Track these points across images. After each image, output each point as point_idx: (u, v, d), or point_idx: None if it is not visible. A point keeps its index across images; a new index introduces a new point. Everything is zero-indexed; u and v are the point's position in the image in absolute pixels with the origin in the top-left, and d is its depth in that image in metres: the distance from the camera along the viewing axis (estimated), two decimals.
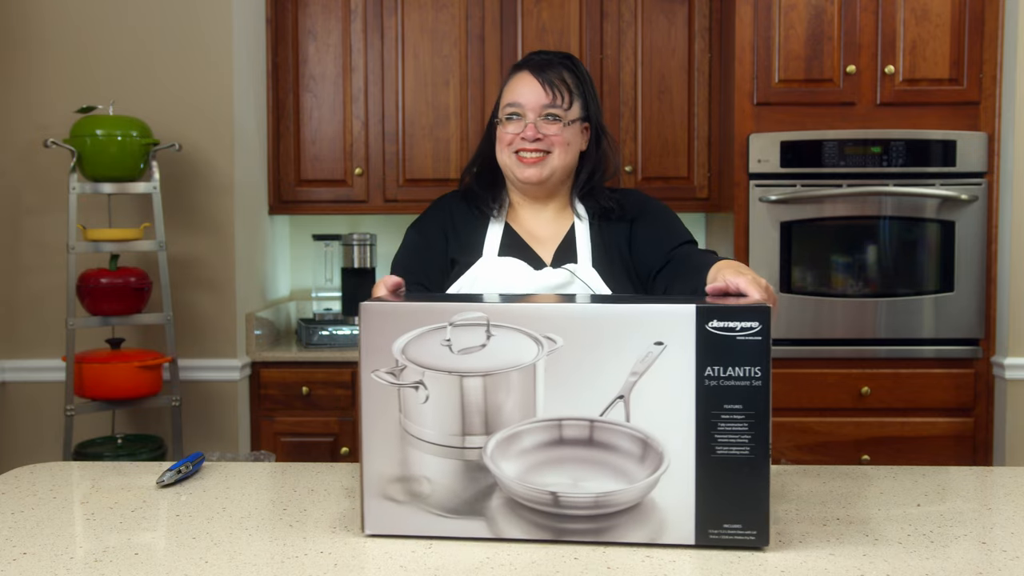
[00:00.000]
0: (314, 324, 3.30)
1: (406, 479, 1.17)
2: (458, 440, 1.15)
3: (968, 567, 1.07)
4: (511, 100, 1.69)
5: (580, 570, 1.06)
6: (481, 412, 1.14)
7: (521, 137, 1.66)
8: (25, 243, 3.01)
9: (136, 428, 3.04)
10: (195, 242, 3.02)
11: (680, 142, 3.39)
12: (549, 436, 1.13)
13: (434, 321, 1.15)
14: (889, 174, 3.04)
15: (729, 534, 1.11)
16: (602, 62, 3.38)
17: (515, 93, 1.69)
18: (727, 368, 1.09)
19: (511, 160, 1.69)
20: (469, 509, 1.16)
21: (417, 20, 3.38)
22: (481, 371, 1.14)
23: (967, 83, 3.04)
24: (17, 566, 1.09)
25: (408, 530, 1.17)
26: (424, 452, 1.16)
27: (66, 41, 2.98)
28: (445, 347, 1.14)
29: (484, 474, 1.15)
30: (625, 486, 1.12)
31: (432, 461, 1.16)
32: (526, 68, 1.70)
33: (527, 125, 1.66)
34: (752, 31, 3.06)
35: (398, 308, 1.17)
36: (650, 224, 1.73)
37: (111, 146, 2.72)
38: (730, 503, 1.11)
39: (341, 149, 3.41)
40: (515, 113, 1.68)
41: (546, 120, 1.67)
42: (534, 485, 1.14)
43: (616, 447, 1.12)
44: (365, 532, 1.19)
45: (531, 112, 1.67)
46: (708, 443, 1.11)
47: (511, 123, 1.68)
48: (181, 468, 1.44)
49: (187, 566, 1.08)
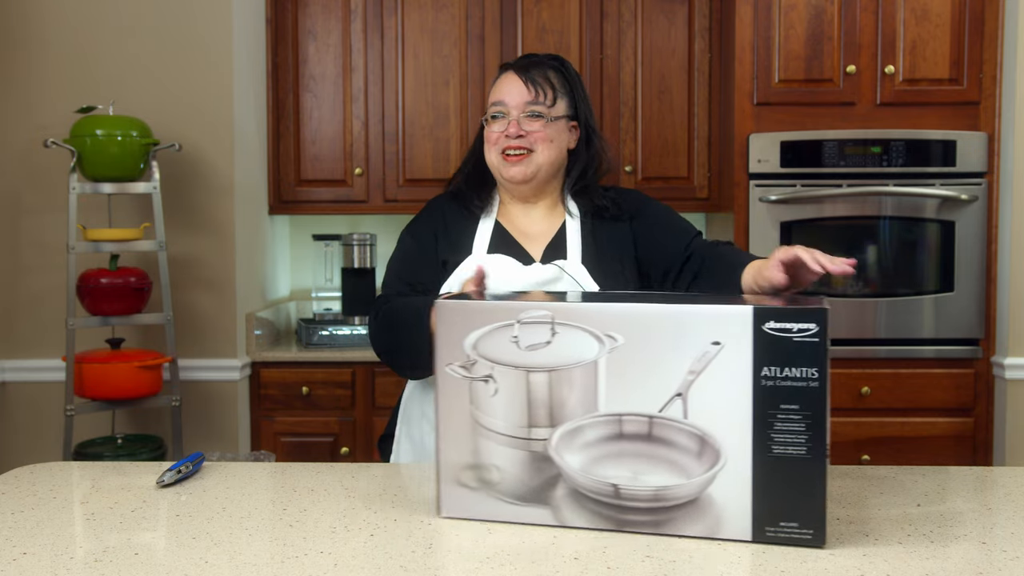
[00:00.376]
0: (314, 324, 3.30)
1: (477, 467, 1.24)
2: (525, 432, 1.21)
3: (968, 567, 1.07)
4: (495, 99, 1.71)
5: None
6: (546, 406, 1.19)
7: (505, 135, 1.68)
8: (25, 243, 3.01)
9: (136, 428, 3.04)
10: (195, 242, 3.02)
11: (680, 142, 3.39)
12: (610, 430, 1.18)
13: (503, 319, 1.21)
14: (889, 174, 3.04)
15: (785, 532, 1.13)
16: (602, 62, 3.38)
17: (499, 92, 1.71)
18: (784, 368, 1.11)
19: (498, 159, 1.70)
20: (535, 497, 1.22)
21: (417, 20, 3.38)
22: (546, 367, 1.19)
23: (967, 83, 3.04)
24: (17, 566, 1.09)
25: (479, 515, 1.24)
26: (494, 442, 1.23)
27: (66, 41, 2.98)
28: (513, 343, 1.20)
29: (549, 465, 1.20)
30: (683, 481, 1.16)
31: (501, 451, 1.22)
32: (511, 68, 1.73)
33: (510, 122, 1.68)
34: (752, 31, 3.06)
35: (469, 306, 1.23)
36: (656, 223, 1.74)
37: (111, 146, 2.72)
38: (786, 502, 1.13)
39: (341, 149, 3.41)
40: (499, 112, 1.70)
41: (529, 117, 1.68)
42: (596, 477, 1.19)
43: (674, 443, 1.16)
44: (441, 515, 1.25)
45: (514, 110, 1.69)
46: (765, 442, 1.13)
47: (496, 122, 1.70)
48: (181, 468, 1.44)
49: (187, 566, 1.08)
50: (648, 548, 1.13)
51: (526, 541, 1.16)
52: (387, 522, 1.24)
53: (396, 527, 1.22)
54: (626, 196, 1.78)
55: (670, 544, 1.15)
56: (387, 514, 1.27)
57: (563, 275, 1.64)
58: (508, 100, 1.69)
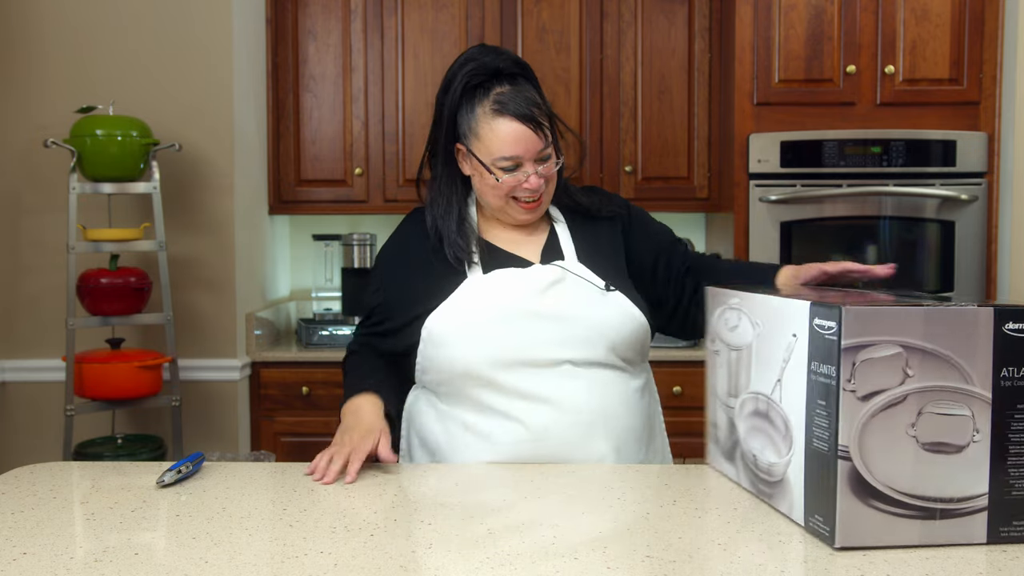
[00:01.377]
0: (314, 324, 3.30)
1: (714, 424, 1.50)
2: (726, 399, 1.44)
3: (968, 567, 1.07)
4: (507, 153, 1.56)
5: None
6: (735, 378, 1.40)
7: (524, 187, 1.59)
8: (25, 243, 3.01)
9: (136, 428, 3.04)
10: (195, 242, 3.02)
11: (680, 142, 3.39)
12: (754, 406, 1.34)
13: (718, 305, 1.46)
14: (889, 174, 3.04)
15: (814, 524, 1.18)
16: (602, 62, 3.38)
17: (510, 146, 1.56)
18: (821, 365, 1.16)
19: (506, 204, 1.62)
20: (729, 454, 1.43)
21: (417, 20, 3.38)
22: (734, 346, 1.40)
23: (967, 83, 3.04)
24: (17, 566, 1.09)
25: (711, 462, 1.51)
26: (717, 407, 1.47)
27: (66, 41, 2.98)
28: (724, 324, 1.44)
29: (734, 429, 1.41)
30: (776, 460, 1.27)
31: (719, 413, 1.47)
32: (512, 116, 1.56)
33: (529, 176, 1.58)
34: (752, 31, 3.06)
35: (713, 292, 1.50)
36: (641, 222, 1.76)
37: (111, 146, 2.72)
38: (814, 496, 1.18)
39: (341, 149, 3.41)
40: (513, 166, 1.58)
41: (542, 163, 1.59)
42: (747, 447, 1.36)
43: (776, 425, 1.27)
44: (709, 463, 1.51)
45: (530, 164, 1.58)
46: (810, 436, 1.18)
47: (509, 175, 1.58)
48: (181, 468, 1.44)
49: (187, 566, 1.08)
50: (648, 548, 1.13)
51: (526, 541, 1.16)
52: (387, 522, 1.24)
53: (396, 527, 1.22)
54: (606, 197, 1.77)
55: (670, 544, 1.15)
56: (387, 514, 1.27)
57: (567, 274, 1.62)
58: (522, 153, 1.57)
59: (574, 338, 1.58)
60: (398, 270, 1.70)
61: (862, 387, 1.11)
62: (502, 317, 1.57)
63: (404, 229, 1.74)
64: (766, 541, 1.16)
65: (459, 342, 1.57)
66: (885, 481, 1.12)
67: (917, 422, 1.12)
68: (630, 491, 1.38)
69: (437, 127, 1.65)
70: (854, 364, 1.11)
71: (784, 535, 1.19)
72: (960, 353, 1.12)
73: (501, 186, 1.59)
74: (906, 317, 1.11)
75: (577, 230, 1.70)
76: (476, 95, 1.59)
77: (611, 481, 1.43)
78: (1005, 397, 1.14)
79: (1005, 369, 1.13)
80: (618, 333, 1.60)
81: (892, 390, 1.11)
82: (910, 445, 1.12)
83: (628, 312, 1.61)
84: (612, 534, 1.19)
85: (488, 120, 1.57)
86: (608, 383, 1.59)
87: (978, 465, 1.13)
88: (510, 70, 1.60)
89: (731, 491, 1.38)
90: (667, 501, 1.33)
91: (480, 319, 1.57)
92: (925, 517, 1.13)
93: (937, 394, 1.12)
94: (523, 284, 1.60)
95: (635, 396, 1.64)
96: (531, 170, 1.58)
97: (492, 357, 1.56)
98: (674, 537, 1.17)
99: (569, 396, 1.56)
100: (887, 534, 1.13)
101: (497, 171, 1.58)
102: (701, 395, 3.31)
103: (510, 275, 1.61)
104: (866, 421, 1.12)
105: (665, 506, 1.30)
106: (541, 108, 1.58)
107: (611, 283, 1.63)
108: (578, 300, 1.60)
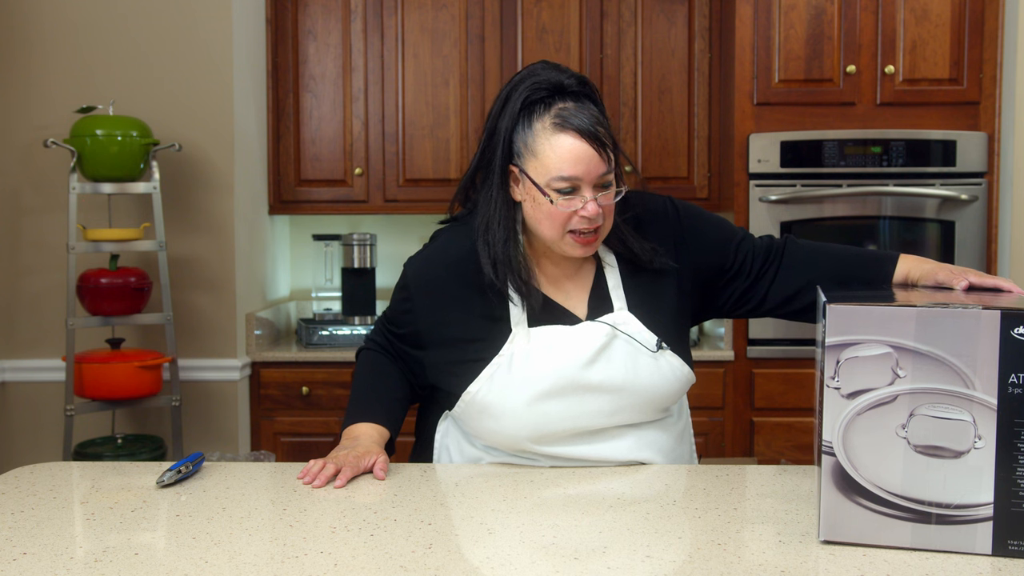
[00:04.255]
0: (314, 324, 3.30)
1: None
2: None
3: (968, 567, 1.07)
4: (567, 173, 1.42)
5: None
6: None
7: (581, 215, 1.43)
8: (25, 243, 3.01)
9: (136, 428, 3.04)
10: (195, 242, 3.02)
11: (680, 142, 3.39)
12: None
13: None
14: (889, 174, 3.04)
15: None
16: (602, 62, 3.38)
17: (570, 164, 1.42)
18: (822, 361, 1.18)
19: (564, 239, 1.46)
20: None
21: (417, 20, 3.38)
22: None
23: (967, 83, 3.04)
24: (17, 566, 1.09)
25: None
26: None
27: (66, 41, 2.98)
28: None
29: None
30: None
31: None
32: (576, 132, 1.42)
33: (587, 203, 1.42)
34: (752, 31, 3.06)
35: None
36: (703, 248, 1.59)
37: (111, 146, 2.72)
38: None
39: (341, 149, 3.41)
40: (571, 188, 1.43)
41: (602, 190, 1.44)
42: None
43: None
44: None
45: (589, 188, 1.43)
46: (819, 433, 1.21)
47: (565, 198, 1.43)
48: (181, 468, 1.44)
49: (187, 566, 1.08)
50: (648, 548, 1.13)
51: (526, 541, 1.16)
52: (387, 522, 1.24)
53: (396, 527, 1.22)
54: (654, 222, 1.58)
55: (670, 544, 1.15)
56: (387, 514, 1.27)
57: (616, 334, 1.50)
58: (583, 175, 1.42)
59: (623, 408, 1.50)
60: (435, 295, 1.55)
61: (847, 385, 1.11)
62: (549, 391, 1.47)
63: (444, 249, 1.58)
64: (766, 541, 1.16)
65: (503, 416, 1.48)
66: (873, 480, 1.12)
67: (908, 423, 1.11)
68: (630, 491, 1.38)
69: (490, 146, 1.50)
70: (838, 361, 1.11)
71: (784, 535, 1.19)
72: (960, 357, 1.09)
73: (556, 213, 1.43)
74: (895, 318, 1.10)
75: (629, 275, 1.56)
76: (535, 110, 1.45)
77: (611, 481, 1.43)
78: (1013, 404, 1.09)
79: (1013, 375, 1.09)
80: (670, 394, 1.53)
81: (880, 389, 1.11)
82: (900, 446, 1.11)
83: (677, 371, 1.52)
84: (612, 534, 1.19)
85: (547, 136, 1.43)
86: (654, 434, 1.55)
87: (981, 472, 1.10)
88: (574, 88, 1.46)
89: (731, 491, 1.38)
90: (667, 501, 1.33)
91: (526, 395, 1.47)
92: (919, 520, 1.11)
93: (932, 396, 1.10)
94: (572, 350, 1.48)
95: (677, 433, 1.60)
96: (590, 195, 1.43)
97: (537, 433, 1.48)
98: (674, 537, 1.17)
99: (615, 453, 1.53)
100: (875, 533, 1.12)
101: (552, 193, 1.43)
102: (701, 395, 3.31)
103: (558, 337, 1.49)
104: (852, 419, 1.11)
105: (665, 506, 1.30)
106: (606, 128, 1.45)
107: (663, 339, 1.52)
108: (627, 365, 1.50)
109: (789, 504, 1.31)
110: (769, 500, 1.33)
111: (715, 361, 3.10)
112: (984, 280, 1.39)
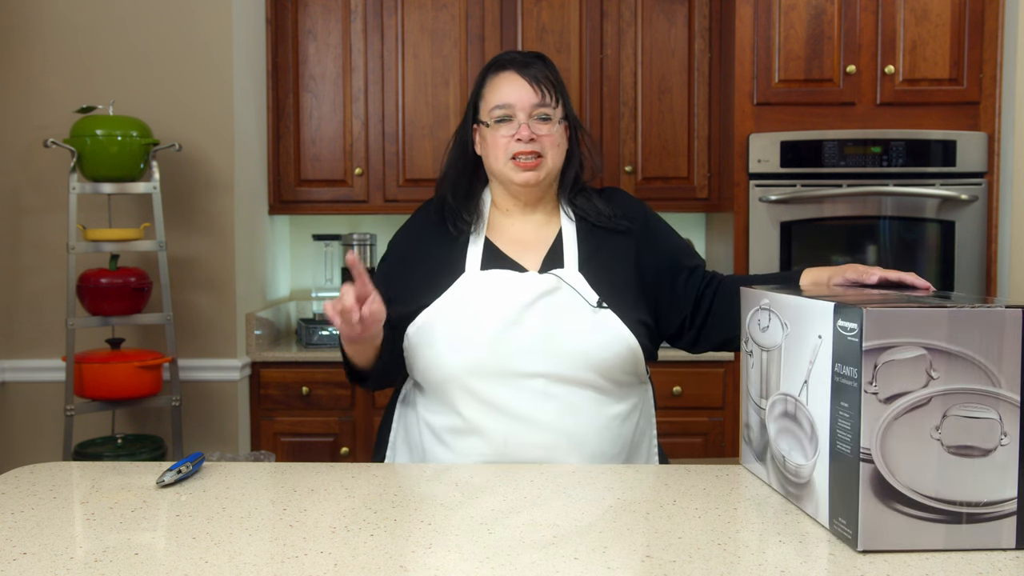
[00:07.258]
0: (314, 324, 3.30)
1: (746, 425, 1.48)
2: (758, 400, 1.42)
3: (968, 567, 1.07)
4: (500, 102, 1.62)
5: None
6: (766, 379, 1.39)
7: (516, 139, 1.60)
8: (25, 243, 3.01)
9: (136, 428, 3.04)
10: (195, 242, 3.02)
11: (680, 142, 3.39)
12: (783, 408, 1.33)
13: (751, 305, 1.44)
14: (889, 174, 3.04)
15: (838, 527, 1.16)
16: (602, 62, 3.38)
17: (502, 94, 1.62)
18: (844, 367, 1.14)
19: (506, 165, 1.63)
20: (760, 455, 1.42)
21: (417, 20, 3.38)
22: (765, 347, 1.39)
23: (967, 83, 3.04)
24: (17, 566, 1.09)
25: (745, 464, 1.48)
26: (749, 407, 1.46)
27: (66, 41, 2.98)
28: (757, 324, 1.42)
29: (765, 430, 1.39)
30: (803, 462, 1.25)
31: (752, 414, 1.45)
32: (510, 68, 1.64)
33: (520, 126, 1.61)
34: (752, 31, 3.06)
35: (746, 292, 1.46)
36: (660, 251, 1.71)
37: (111, 146, 2.72)
38: (838, 499, 1.16)
39: (341, 149, 3.41)
40: (506, 115, 1.62)
41: (538, 120, 1.62)
42: (776, 448, 1.35)
43: (803, 426, 1.26)
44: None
45: (522, 112, 1.61)
46: (834, 438, 1.17)
47: (502, 125, 1.62)
48: (181, 468, 1.44)
49: (187, 566, 1.08)
50: (648, 548, 1.13)
51: (526, 541, 1.16)
52: (387, 522, 1.24)
53: (396, 527, 1.22)
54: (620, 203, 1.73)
55: (670, 544, 1.15)
56: (387, 514, 1.27)
57: (561, 285, 1.58)
58: (514, 101, 1.61)
59: (553, 352, 1.54)
60: (406, 254, 1.71)
61: (884, 389, 1.10)
62: (487, 324, 1.55)
63: (418, 215, 1.76)
64: (766, 541, 1.16)
65: (442, 345, 1.57)
66: (909, 484, 1.10)
67: (942, 425, 1.10)
68: (630, 491, 1.38)
69: (464, 122, 1.71)
70: (876, 366, 1.09)
71: (784, 535, 1.19)
72: (986, 355, 1.09)
73: (496, 139, 1.62)
74: (929, 319, 1.09)
75: (586, 237, 1.67)
76: (488, 73, 1.68)
77: (611, 481, 1.43)
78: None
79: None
80: (602, 353, 1.56)
81: (916, 392, 1.09)
82: (935, 448, 1.10)
83: (617, 333, 1.57)
84: (612, 534, 1.19)
85: (489, 80, 1.66)
86: (582, 405, 1.56)
87: (1006, 468, 1.10)
88: (527, 58, 1.66)
89: (731, 491, 1.38)
90: (667, 501, 1.33)
91: (465, 324, 1.56)
92: (951, 521, 1.11)
93: (963, 396, 1.10)
94: (514, 291, 1.57)
95: (614, 422, 1.59)
96: (524, 120, 1.61)
97: (471, 364, 1.54)
98: (674, 537, 1.17)
99: (535, 413, 1.54)
100: (912, 538, 1.11)
101: (493, 123, 1.62)
102: (701, 395, 3.31)
103: (503, 279, 1.59)
104: (889, 423, 1.10)
105: (665, 506, 1.30)
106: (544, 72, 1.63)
107: (606, 299, 1.58)
108: (565, 314, 1.56)
109: (789, 504, 1.31)
110: (769, 500, 1.33)
111: (715, 361, 3.10)
112: (889, 274, 1.50)
